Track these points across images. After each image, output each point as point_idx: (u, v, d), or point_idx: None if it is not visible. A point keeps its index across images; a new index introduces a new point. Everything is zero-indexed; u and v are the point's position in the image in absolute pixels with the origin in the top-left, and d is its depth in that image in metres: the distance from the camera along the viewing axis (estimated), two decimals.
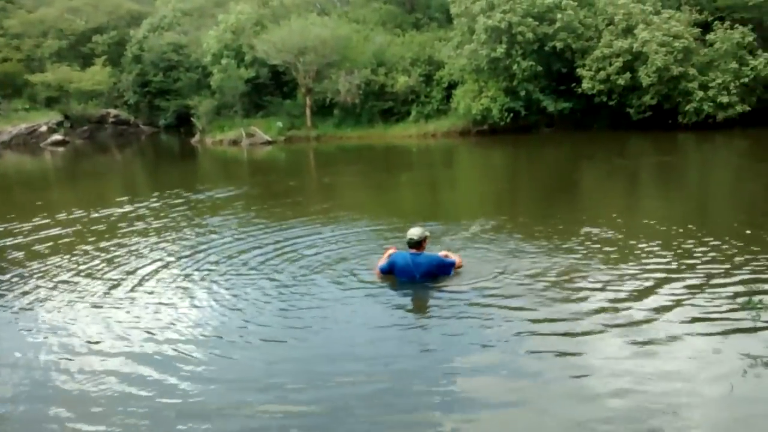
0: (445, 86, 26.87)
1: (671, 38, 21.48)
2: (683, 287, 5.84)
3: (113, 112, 37.80)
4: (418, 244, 6.40)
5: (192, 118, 31.56)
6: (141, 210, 11.87)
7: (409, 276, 6.39)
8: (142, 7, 41.84)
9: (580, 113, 24.35)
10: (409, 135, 26.31)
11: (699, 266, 6.48)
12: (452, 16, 26.30)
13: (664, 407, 3.81)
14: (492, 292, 5.95)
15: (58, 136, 33.56)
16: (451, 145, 24.23)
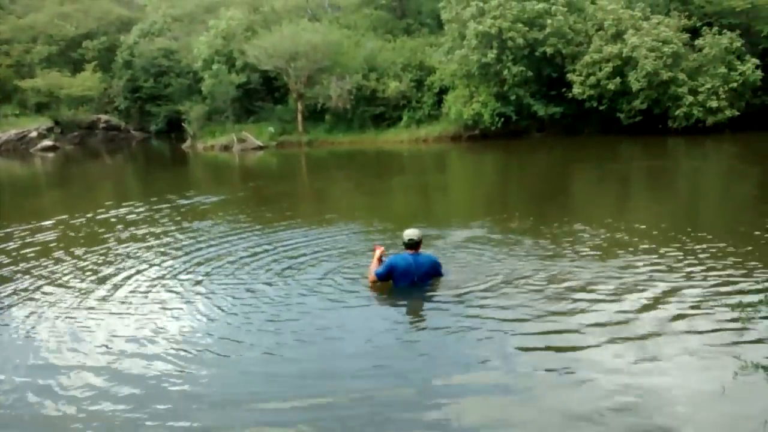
0: (437, 91, 26.94)
1: (660, 43, 21.63)
2: (674, 290, 5.84)
3: (104, 117, 37.65)
4: (418, 244, 6.25)
5: (183, 124, 31.48)
6: (128, 216, 11.76)
7: (410, 279, 6.16)
8: (132, 13, 41.78)
9: (571, 118, 24.45)
10: (400, 140, 26.36)
11: (690, 269, 6.50)
12: (443, 22, 26.41)
13: (655, 409, 3.82)
14: (485, 298, 5.87)
15: (48, 142, 33.39)
16: (442, 150, 24.25)
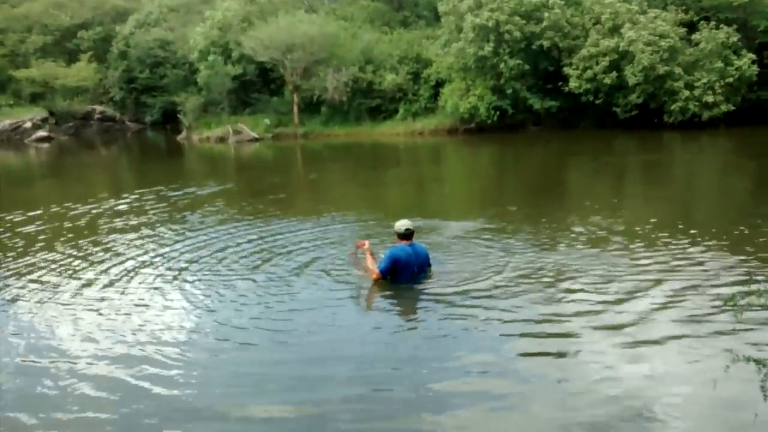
0: (433, 84, 26.86)
1: (657, 37, 21.59)
2: (669, 286, 5.84)
3: (99, 108, 37.44)
4: (413, 233, 6.15)
5: (178, 115, 31.33)
6: (121, 207, 11.71)
7: (411, 271, 6.02)
8: (128, 3, 41.46)
9: (567, 112, 24.43)
10: (396, 133, 26.29)
11: (685, 264, 6.50)
12: (440, 14, 26.30)
13: (648, 406, 3.82)
14: (479, 292, 5.84)
15: (42, 133, 33.18)
16: (438, 143, 24.20)
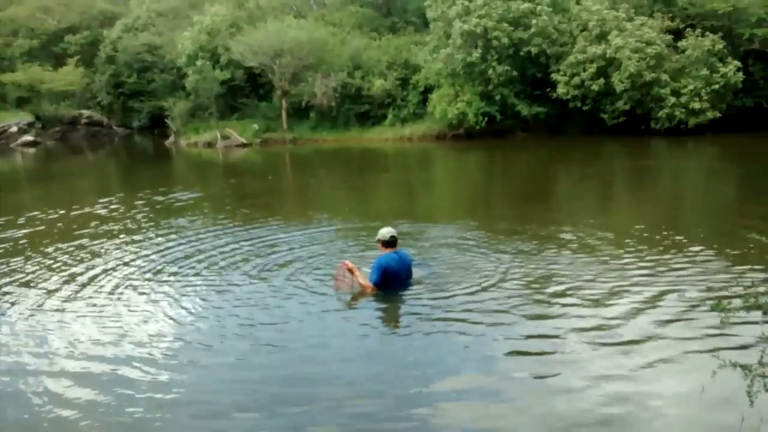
0: (422, 90, 26.94)
1: (644, 44, 21.76)
2: (656, 290, 5.85)
3: (86, 113, 37.24)
4: (397, 241, 6.15)
5: (166, 120, 31.18)
6: (105, 212, 11.60)
7: (400, 279, 6.06)
8: (116, 8, 41.34)
9: (555, 118, 24.54)
10: (385, 138, 26.31)
11: (671, 269, 6.52)
12: (428, 20, 26.39)
13: (635, 409, 3.83)
14: (467, 302, 5.74)
15: (28, 137, 32.91)
16: (427, 148, 24.22)
